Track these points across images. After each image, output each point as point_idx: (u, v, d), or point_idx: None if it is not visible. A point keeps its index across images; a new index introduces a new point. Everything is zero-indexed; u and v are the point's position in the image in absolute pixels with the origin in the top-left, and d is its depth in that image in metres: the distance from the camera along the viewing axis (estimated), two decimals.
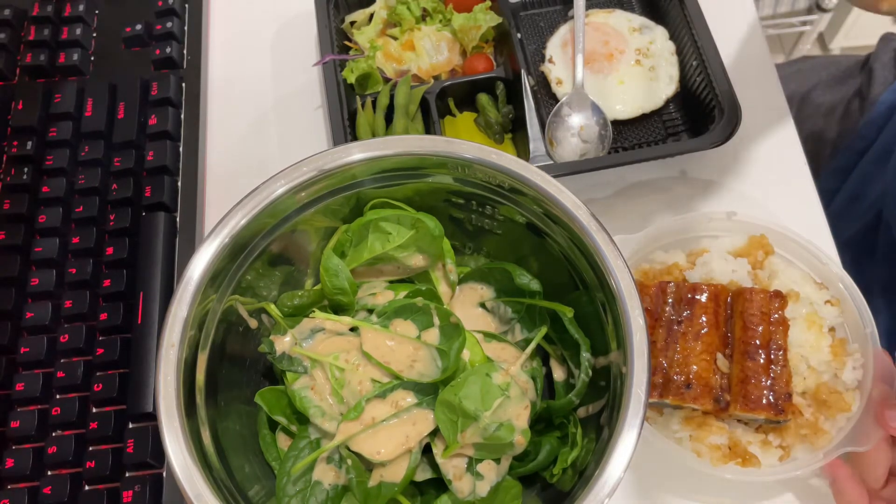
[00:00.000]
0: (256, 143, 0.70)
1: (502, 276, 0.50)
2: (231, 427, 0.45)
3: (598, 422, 0.43)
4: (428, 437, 0.44)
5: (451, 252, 0.51)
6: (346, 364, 0.45)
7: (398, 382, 0.44)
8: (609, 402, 0.42)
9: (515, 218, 0.48)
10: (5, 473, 0.53)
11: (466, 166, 0.45)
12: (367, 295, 0.49)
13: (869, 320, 0.55)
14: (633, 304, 0.40)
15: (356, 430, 0.42)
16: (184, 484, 0.37)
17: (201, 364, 0.42)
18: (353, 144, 0.45)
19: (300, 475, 0.44)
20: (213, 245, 0.42)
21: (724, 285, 0.55)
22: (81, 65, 0.70)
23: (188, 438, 0.38)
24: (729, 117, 0.61)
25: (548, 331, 0.49)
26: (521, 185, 0.44)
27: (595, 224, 0.42)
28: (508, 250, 0.52)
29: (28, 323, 0.59)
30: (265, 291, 0.49)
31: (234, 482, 0.41)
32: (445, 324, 0.45)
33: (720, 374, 0.52)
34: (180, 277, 0.41)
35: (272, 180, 0.44)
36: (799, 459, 0.52)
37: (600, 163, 0.61)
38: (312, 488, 0.44)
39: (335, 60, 0.67)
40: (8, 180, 0.64)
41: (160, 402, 0.38)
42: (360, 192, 0.47)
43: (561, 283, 0.47)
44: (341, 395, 0.44)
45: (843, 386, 0.52)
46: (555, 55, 0.69)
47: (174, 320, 0.40)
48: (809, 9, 1.53)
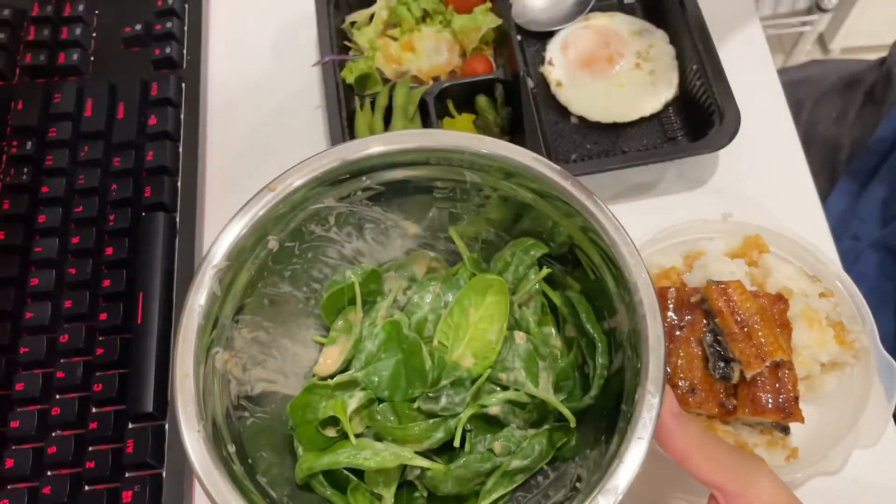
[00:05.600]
0: (256, 143, 0.70)
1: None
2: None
3: (603, 427, 0.43)
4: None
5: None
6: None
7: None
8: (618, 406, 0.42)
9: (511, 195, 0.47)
10: (5, 473, 0.54)
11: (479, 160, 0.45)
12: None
13: (869, 319, 0.55)
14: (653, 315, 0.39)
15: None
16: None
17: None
18: (373, 137, 0.44)
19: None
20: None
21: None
22: (81, 65, 0.70)
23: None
24: (728, 122, 0.62)
25: (568, 322, 0.49)
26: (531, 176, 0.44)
27: (630, 244, 0.41)
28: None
29: (28, 323, 0.59)
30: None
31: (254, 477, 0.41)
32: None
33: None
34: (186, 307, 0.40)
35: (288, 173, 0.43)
36: (805, 460, 0.52)
37: (599, 166, 0.62)
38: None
39: (334, 61, 0.67)
40: (8, 180, 0.64)
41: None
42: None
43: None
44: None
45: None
46: (554, 57, 0.70)
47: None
48: (809, 9, 1.53)
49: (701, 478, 0.39)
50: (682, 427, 0.39)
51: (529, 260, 0.48)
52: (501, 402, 0.45)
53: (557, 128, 0.69)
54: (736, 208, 0.63)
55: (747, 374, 0.50)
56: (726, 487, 0.39)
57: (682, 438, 0.39)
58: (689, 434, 0.39)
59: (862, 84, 0.91)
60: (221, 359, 0.42)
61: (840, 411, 0.54)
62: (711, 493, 0.40)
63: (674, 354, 0.52)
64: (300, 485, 0.44)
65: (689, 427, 0.39)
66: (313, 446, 0.45)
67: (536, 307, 0.50)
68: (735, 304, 0.51)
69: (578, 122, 0.68)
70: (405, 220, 0.50)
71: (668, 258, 0.59)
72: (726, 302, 0.51)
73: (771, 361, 0.50)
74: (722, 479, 0.39)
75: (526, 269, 0.48)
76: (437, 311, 0.49)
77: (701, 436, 0.39)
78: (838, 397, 0.55)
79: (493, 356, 0.46)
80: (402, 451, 0.43)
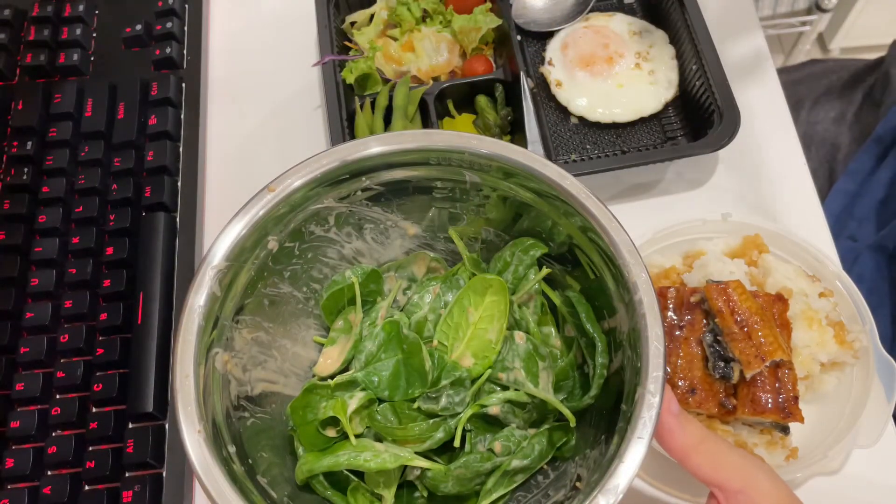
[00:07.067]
0: (256, 143, 0.70)
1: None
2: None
3: (603, 426, 0.43)
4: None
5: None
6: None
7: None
8: (618, 406, 0.42)
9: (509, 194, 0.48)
10: (5, 473, 0.54)
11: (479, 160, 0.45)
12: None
13: (868, 318, 0.55)
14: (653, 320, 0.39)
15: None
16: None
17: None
18: (372, 138, 0.44)
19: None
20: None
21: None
22: (81, 65, 0.70)
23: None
24: (728, 122, 0.62)
25: (568, 322, 0.49)
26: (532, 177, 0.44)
27: (629, 243, 0.41)
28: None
29: (28, 323, 0.59)
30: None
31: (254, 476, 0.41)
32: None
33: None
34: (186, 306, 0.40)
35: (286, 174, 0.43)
36: (805, 459, 0.52)
37: (599, 166, 0.62)
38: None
39: (335, 61, 0.67)
40: (8, 180, 0.64)
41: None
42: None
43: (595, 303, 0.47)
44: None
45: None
46: (554, 57, 0.70)
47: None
48: (809, 9, 1.53)
49: (701, 476, 0.39)
50: (682, 426, 0.39)
51: (529, 260, 0.48)
52: (501, 401, 0.45)
53: (557, 128, 0.69)
54: (735, 208, 0.63)
55: (747, 373, 0.50)
56: (726, 486, 0.39)
57: (683, 437, 0.39)
58: (690, 433, 0.39)
59: (861, 84, 0.91)
60: (221, 359, 0.42)
61: (839, 411, 0.54)
62: (711, 491, 0.40)
63: (674, 354, 0.52)
64: (300, 485, 0.44)
65: (689, 426, 0.39)
66: (313, 447, 0.45)
67: (536, 307, 0.50)
68: (735, 304, 0.51)
69: (578, 122, 0.68)
70: (405, 220, 0.50)
71: (668, 258, 0.59)
72: (726, 302, 0.51)
73: (771, 361, 0.50)
74: (721, 477, 0.39)
75: (525, 269, 0.49)
76: (437, 311, 0.49)
77: (701, 435, 0.39)
78: (838, 397, 0.55)
79: (493, 356, 0.46)
80: (402, 452, 0.43)
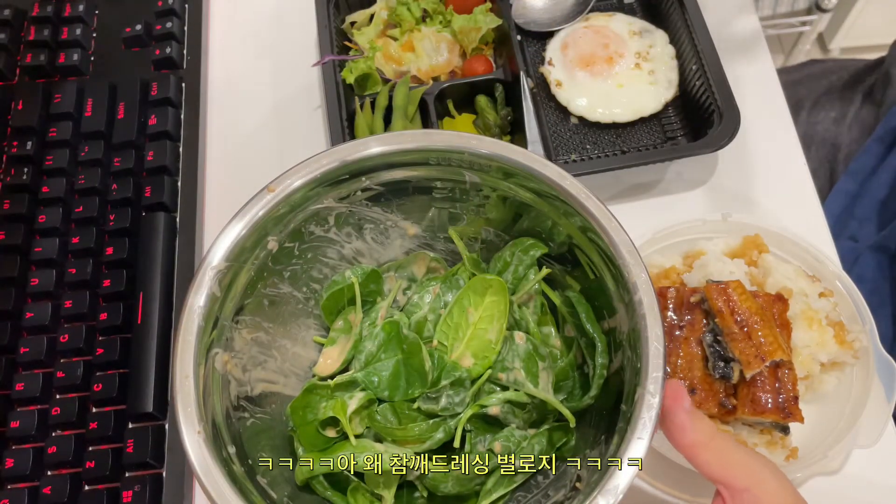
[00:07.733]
0: (256, 143, 0.70)
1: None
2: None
3: (603, 427, 0.43)
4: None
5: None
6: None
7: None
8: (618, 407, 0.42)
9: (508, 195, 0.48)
10: (5, 473, 0.54)
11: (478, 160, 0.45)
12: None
13: (868, 318, 0.55)
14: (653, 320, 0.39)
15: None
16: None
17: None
18: (372, 138, 0.44)
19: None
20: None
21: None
22: (81, 65, 0.70)
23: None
24: (728, 122, 0.62)
25: (568, 322, 0.49)
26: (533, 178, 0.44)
27: (629, 243, 0.41)
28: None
29: (28, 323, 0.59)
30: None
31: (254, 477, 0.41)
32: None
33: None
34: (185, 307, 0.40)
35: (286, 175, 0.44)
36: (805, 459, 0.52)
37: (599, 166, 0.62)
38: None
39: (334, 61, 0.67)
40: (8, 180, 0.64)
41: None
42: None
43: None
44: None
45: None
46: (554, 57, 0.70)
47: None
48: (809, 9, 1.53)
49: (708, 473, 0.39)
50: (693, 423, 0.39)
51: (529, 260, 0.48)
52: (501, 402, 0.45)
53: (557, 128, 0.69)
54: (735, 208, 0.63)
55: (747, 373, 0.50)
56: (732, 483, 0.39)
57: (693, 434, 0.39)
58: (700, 430, 0.39)
59: (861, 84, 0.91)
60: (221, 359, 0.42)
61: (839, 411, 0.54)
62: (717, 489, 0.40)
63: (674, 354, 0.52)
64: (300, 485, 0.44)
65: (699, 423, 0.40)
66: (313, 447, 0.45)
67: (536, 307, 0.50)
68: (735, 304, 0.51)
69: (578, 122, 0.68)
70: (405, 220, 0.50)
71: (668, 258, 0.59)
72: (726, 302, 0.51)
73: (771, 361, 0.50)
74: (729, 475, 0.39)
75: (525, 269, 0.49)
76: (437, 311, 0.49)
77: (711, 432, 0.40)
78: (838, 397, 0.55)
79: (493, 356, 0.46)
80: (402, 452, 0.43)
